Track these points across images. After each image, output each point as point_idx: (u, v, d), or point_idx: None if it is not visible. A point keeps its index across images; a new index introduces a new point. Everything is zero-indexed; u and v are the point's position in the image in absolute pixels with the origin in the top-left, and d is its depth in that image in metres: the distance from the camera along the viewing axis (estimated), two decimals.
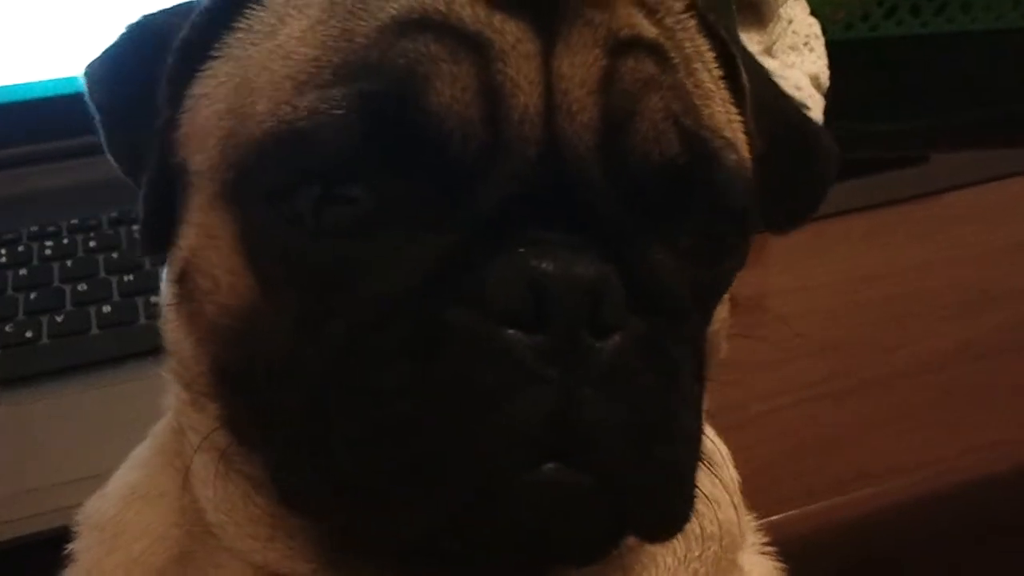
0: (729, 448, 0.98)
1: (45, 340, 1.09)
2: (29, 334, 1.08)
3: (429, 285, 0.50)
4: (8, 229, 1.23)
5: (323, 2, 0.56)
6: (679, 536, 0.61)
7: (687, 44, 0.60)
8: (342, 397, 0.51)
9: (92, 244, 1.21)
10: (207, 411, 0.61)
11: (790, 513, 0.97)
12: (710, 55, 0.63)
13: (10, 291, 1.15)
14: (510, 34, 0.53)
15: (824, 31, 1.52)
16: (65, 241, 1.21)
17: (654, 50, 0.56)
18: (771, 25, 1.57)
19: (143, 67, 0.61)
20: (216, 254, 0.57)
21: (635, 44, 0.56)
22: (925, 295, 1.24)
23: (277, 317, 0.54)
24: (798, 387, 1.11)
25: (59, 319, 1.10)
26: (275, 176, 0.53)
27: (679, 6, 0.62)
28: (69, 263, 1.18)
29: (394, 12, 0.53)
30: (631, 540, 0.60)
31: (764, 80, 0.69)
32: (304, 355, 0.52)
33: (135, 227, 1.22)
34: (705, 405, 0.67)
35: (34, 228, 1.23)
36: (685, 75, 0.58)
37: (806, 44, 1.55)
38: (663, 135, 0.54)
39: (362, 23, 0.53)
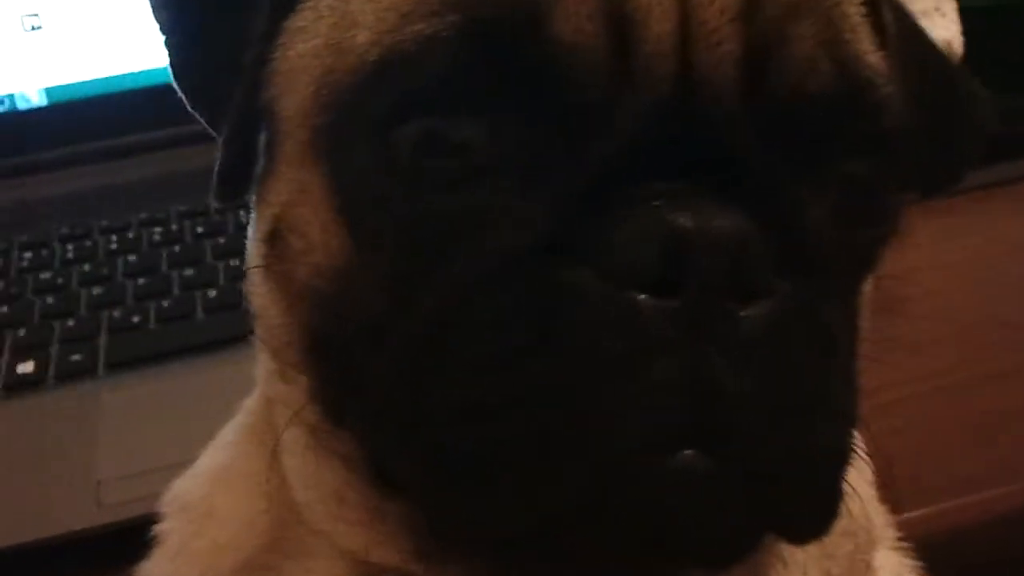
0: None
1: (153, 324, 1.10)
2: (137, 319, 1.10)
3: (546, 241, 0.45)
4: (117, 217, 1.25)
5: None
6: None
7: None
8: (444, 368, 0.46)
9: (199, 230, 1.22)
10: (297, 383, 0.57)
11: (927, 510, 0.90)
12: None
13: (120, 277, 1.16)
14: None
15: None
16: (174, 227, 1.23)
17: None
18: None
19: None
20: (309, 210, 0.53)
21: None
22: None
23: (372, 278, 0.50)
24: (937, 373, 1.03)
25: (166, 304, 1.11)
26: (375, 109, 0.48)
27: None
28: (177, 249, 1.19)
29: None
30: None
31: (908, 22, 0.62)
32: (400, 320, 0.48)
33: (242, 212, 1.22)
34: None
35: (143, 216, 1.25)
36: (833, 4, 0.51)
37: (937, 9, 1.47)
38: (816, 64, 0.48)
39: None
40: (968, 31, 1.35)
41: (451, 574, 0.55)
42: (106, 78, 1.33)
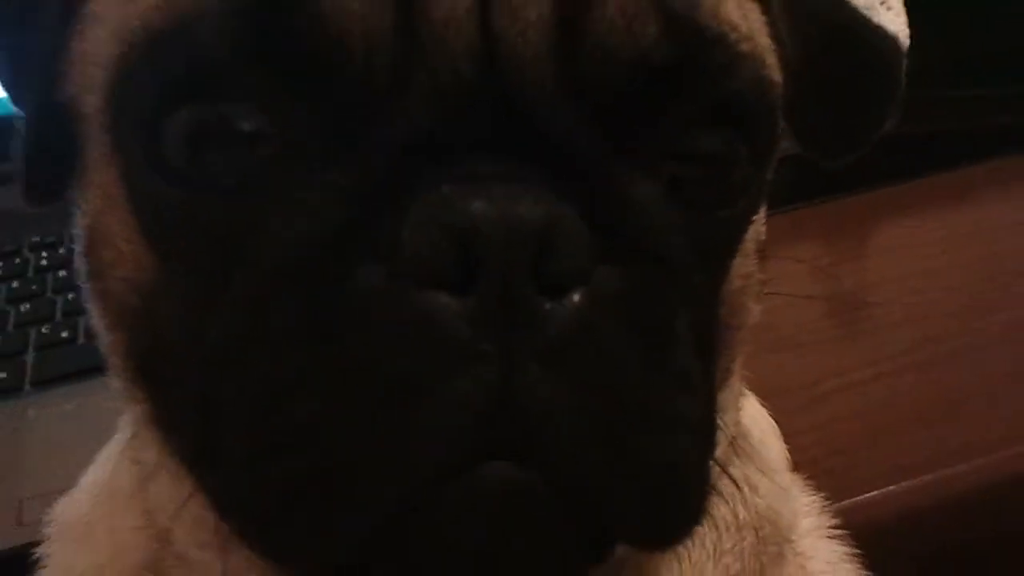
0: (801, 428, 0.90)
1: (82, 340, 1.07)
2: (65, 334, 1.08)
3: (330, 240, 0.41)
4: (48, 233, 1.22)
5: None
6: (708, 526, 0.53)
7: None
8: (231, 392, 0.42)
9: None
10: (138, 403, 0.52)
11: (871, 494, 0.88)
12: None
13: (50, 293, 1.15)
14: None
15: None
16: None
17: None
18: None
19: None
20: (115, 219, 0.48)
21: None
22: (1020, 256, 1.13)
23: (174, 292, 0.45)
24: (878, 359, 1.01)
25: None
26: (140, 98, 0.43)
27: None
28: None
29: None
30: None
31: None
32: (198, 339, 0.44)
33: None
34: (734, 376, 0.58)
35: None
36: None
37: (883, 3, 1.46)
38: (635, 19, 0.42)
39: None
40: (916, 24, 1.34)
41: None
42: None
